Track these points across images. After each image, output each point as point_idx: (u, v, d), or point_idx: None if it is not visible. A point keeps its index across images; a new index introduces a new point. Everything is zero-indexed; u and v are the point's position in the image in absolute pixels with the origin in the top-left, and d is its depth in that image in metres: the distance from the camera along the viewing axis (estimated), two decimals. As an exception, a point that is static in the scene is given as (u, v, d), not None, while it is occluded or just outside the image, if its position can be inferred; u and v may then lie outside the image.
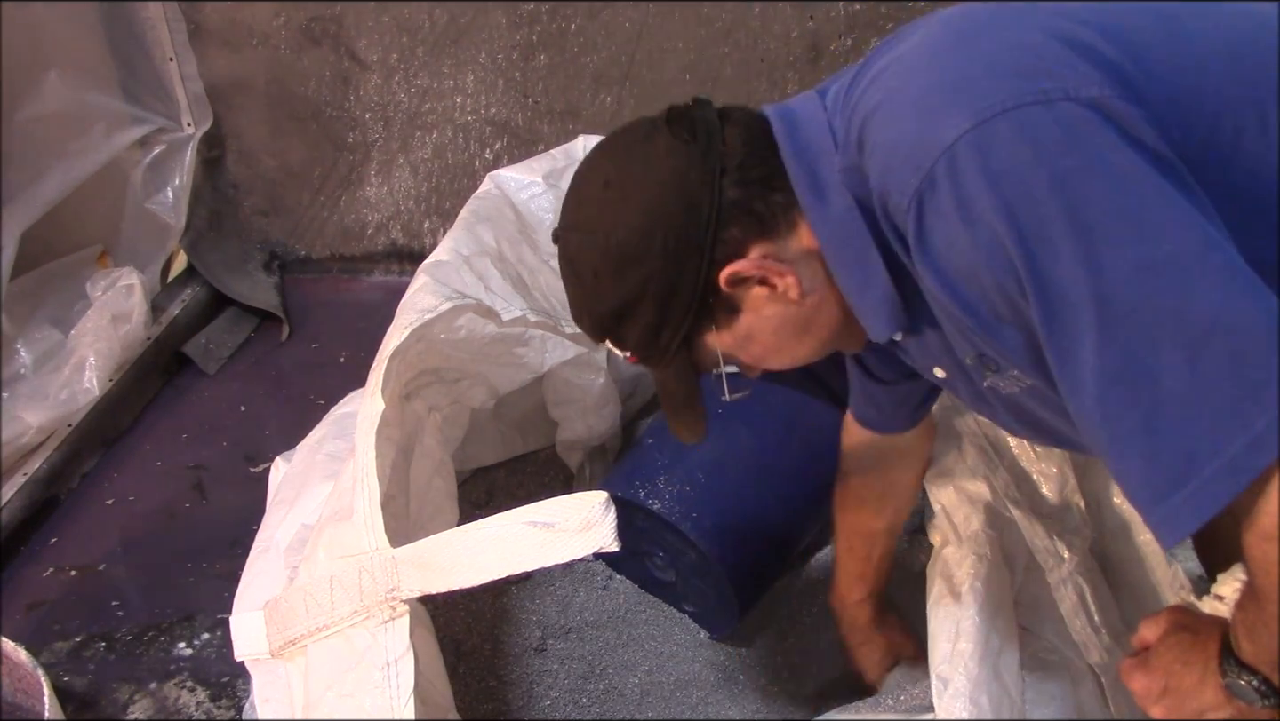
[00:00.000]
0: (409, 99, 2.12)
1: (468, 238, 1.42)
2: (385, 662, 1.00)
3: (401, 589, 1.02)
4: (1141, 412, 0.66)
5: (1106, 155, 0.67)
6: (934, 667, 1.10)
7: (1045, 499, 1.26)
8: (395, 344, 1.20)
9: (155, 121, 2.09)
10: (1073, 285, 0.66)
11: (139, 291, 1.96)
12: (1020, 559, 1.22)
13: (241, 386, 2.04)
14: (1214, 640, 0.82)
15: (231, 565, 1.41)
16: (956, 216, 0.70)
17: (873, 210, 0.79)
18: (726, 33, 1.93)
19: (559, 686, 1.40)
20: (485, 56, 2.05)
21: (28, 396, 1.79)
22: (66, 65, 1.91)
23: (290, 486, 1.38)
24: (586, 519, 0.93)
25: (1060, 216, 0.66)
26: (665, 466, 1.43)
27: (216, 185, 2.26)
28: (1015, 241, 0.68)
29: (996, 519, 1.21)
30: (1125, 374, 0.66)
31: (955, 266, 0.73)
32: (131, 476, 1.83)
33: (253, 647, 1.14)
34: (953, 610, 1.15)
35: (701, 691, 1.39)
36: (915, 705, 1.22)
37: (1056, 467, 1.28)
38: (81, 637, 1.52)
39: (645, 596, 1.51)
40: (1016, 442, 1.27)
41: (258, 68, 2.12)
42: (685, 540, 1.36)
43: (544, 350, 1.44)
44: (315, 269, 2.32)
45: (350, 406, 1.49)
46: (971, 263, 0.71)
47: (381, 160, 2.20)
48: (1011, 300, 0.71)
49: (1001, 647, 1.12)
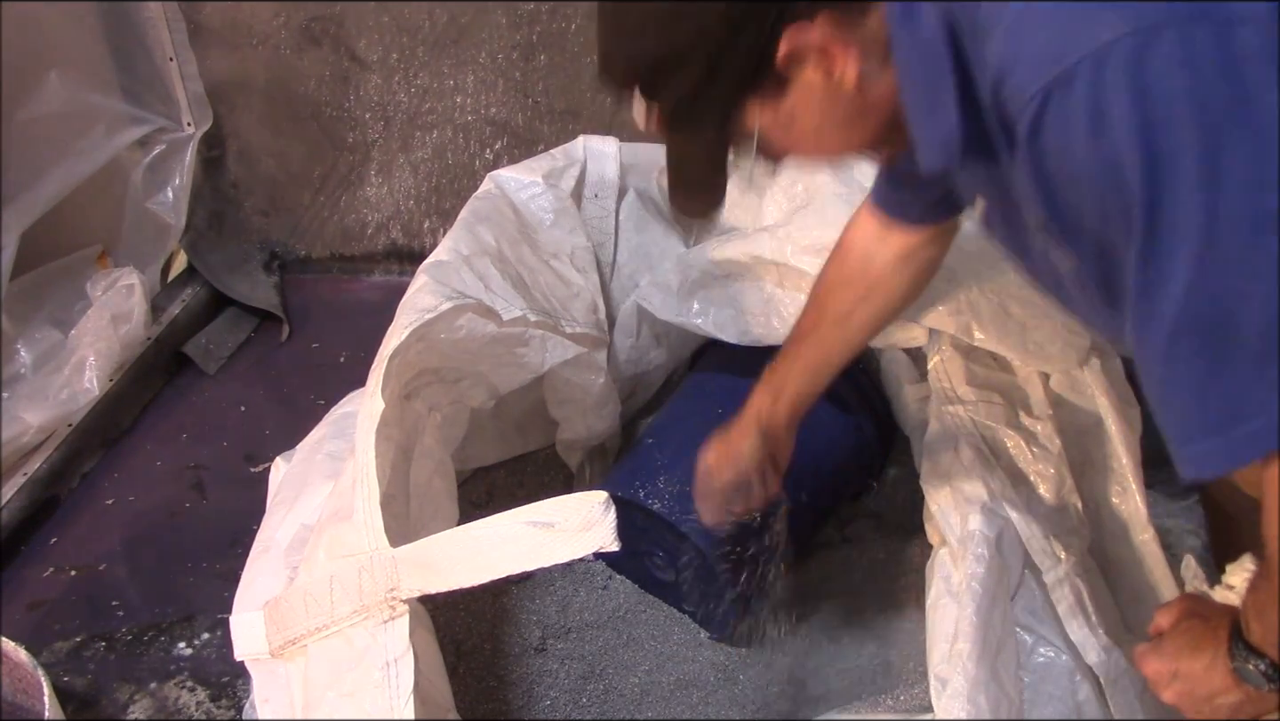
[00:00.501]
0: (409, 99, 2.12)
1: (468, 238, 1.42)
2: (385, 662, 1.00)
3: (401, 588, 1.02)
4: (1210, 357, 0.66)
5: (1263, 94, 0.63)
6: (932, 668, 1.11)
7: (1042, 499, 1.26)
8: (395, 344, 1.20)
9: (155, 121, 2.09)
10: (1186, 219, 0.64)
11: (139, 291, 1.96)
12: (1017, 559, 1.23)
13: (241, 386, 2.04)
14: (1224, 626, 0.82)
15: (231, 565, 1.41)
16: (1085, 124, 0.66)
17: (962, 49, 0.74)
18: (726, 33, 1.94)
19: (559, 686, 1.40)
20: (485, 56, 2.05)
21: (28, 396, 1.79)
22: (66, 65, 1.91)
23: (290, 486, 1.38)
24: (586, 519, 0.94)
25: (1197, 146, 0.63)
26: (665, 466, 1.43)
27: (216, 185, 2.26)
28: (1141, 161, 0.64)
29: (993, 519, 1.21)
30: (1207, 317, 0.66)
31: (1061, 170, 0.70)
32: (131, 476, 1.83)
33: (253, 647, 1.14)
34: (950, 610, 1.15)
35: (701, 691, 1.39)
36: (914, 705, 1.22)
37: (1054, 468, 1.28)
38: (81, 637, 1.52)
39: (645, 596, 1.51)
40: (1014, 443, 1.27)
41: (258, 68, 2.12)
42: (685, 540, 1.37)
43: (544, 350, 1.44)
44: (315, 269, 2.32)
45: (350, 406, 1.49)
46: (1082, 173, 0.68)
47: (381, 160, 2.20)
48: (1107, 216, 0.69)
49: (999, 648, 1.12)
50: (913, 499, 1.61)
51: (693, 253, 1.56)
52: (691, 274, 1.53)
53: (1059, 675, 1.18)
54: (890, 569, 1.54)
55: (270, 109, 2.17)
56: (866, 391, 1.57)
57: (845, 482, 1.59)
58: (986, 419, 1.31)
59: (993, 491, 1.23)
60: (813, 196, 1.45)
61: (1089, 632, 1.16)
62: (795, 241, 1.38)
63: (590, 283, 1.55)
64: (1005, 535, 1.21)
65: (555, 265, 1.52)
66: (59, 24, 1.92)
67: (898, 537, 1.58)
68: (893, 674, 1.38)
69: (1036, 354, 1.27)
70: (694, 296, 1.53)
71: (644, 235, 1.68)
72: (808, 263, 1.36)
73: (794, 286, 1.43)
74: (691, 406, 1.60)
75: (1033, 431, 1.29)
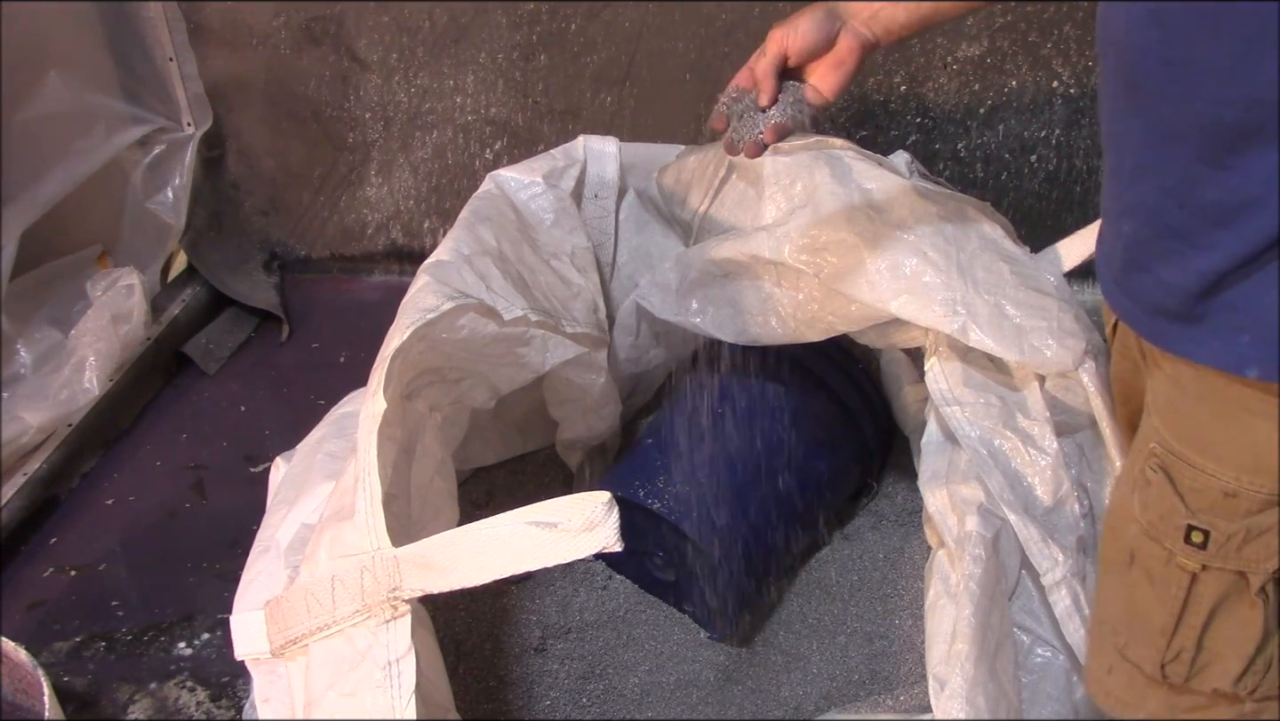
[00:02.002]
0: (409, 99, 2.12)
1: (468, 237, 1.42)
2: (387, 662, 1.00)
3: (403, 588, 1.02)
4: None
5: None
6: (931, 668, 1.11)
7: (1040, 501, 1.26)
8: (397, 344, 1.20)
9: (155, 121, 2.09)
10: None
11: (139, 291, 1.96)
12: (1015, 561, 1.23)
13: (241, 386, 2.04)
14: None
15: (231, 565, 1.41)
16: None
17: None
18: (726, 33, 1.94)
19: (559, 686, 1.40)
20: (485, 56, 2.06)
21: (28, 396, 1.79)
22: (66, 65, 1.91)
23: (290, 486, 1.38)
24: (589, 519, 0.94)
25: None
26: (665, 466, 1.43)
27: (216, 185, 2.26)
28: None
29: (991, 520, 1.21)
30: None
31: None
32: (131, 476, 1.83)
33: (253, 647, 1.14)
34: (949, 611, 1.15)
35: (701, 691, 1.40)
36: (913, 705, 1.22)
37: (1051, 470, 1.29)
38: (81, 637, 1.52)
39: (645, 596, 1.52)
40: (1011, 445, 1.27)
41: (258, 68, 2.13)
42: (685, 540, 1.37)
43: (545, 350, 1.44)
44: (315, 269, 2.32)
45: (351, 406, 1.49)
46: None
47: (381, 160, 2.20)
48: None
49: (998, 649, 1.12)
50: (912, 499, 1.61)
51: (691, 252, 1.56)
52: (690, 273, 1.53)
53: (1057, 675, 1.19)
54: (890, 569, 1.54)
55: (270, 109, 2.17)
56: (866, 392, 1.57)
57: (845, 482, 1.60)
58: (984, 420, 1.31)
59: (990, 493, 1.24)
60: (811, 196, 1.45)
61: (1087, 634, 1.16)
62: (793, 241, 1.38)
63: (590, 283, 1.55)
64: (1003, 536, 1.21)
65: (555, 265, 1.52)
66: (59, 24, 1.92)
67: (897, 538, 1.59)
68: (892, 674, 1.39)
69: (1033, 356, 1.27)
70: (692, 295, 1.53)
71: (644, 235, 1.69)
72: (806, 262, 1.36)
73: (792, 286, 1.43)
74: (692, 406, 1.60)
75: (1030, 433, 1.29)
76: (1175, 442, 0.86)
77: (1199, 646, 0.89)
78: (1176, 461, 0.85)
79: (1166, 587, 0.88)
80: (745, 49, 1.97)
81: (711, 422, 1.53)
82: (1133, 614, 0.93)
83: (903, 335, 1.45)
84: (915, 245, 1.32)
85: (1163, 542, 0.87)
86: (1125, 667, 0.94)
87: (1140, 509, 0.89)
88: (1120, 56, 0.79)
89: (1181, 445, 0.85)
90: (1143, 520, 0.89)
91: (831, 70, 1.12)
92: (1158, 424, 0.88)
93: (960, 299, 1.30)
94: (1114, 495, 0.97)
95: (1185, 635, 0.89)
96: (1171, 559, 0.87)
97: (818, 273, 1.35)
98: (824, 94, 1.13)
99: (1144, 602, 0.90)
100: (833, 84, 1.13)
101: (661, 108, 2.03)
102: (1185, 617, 0.88)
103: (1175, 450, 0.85)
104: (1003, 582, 1.20)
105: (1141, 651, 0.92)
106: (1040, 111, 1.91)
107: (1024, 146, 1.95)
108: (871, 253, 1.33)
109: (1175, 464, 0.85)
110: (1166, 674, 0.91)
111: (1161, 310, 0.82)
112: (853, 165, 1.43)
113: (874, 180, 1.41)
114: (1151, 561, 0.89)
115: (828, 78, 1.12)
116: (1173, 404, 0.86)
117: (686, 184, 1.63)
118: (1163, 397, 0.88)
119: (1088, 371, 1.29)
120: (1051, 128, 1.92)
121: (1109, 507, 0.98)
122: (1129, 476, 0.92)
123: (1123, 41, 0.78)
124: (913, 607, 1.48)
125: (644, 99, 2.02)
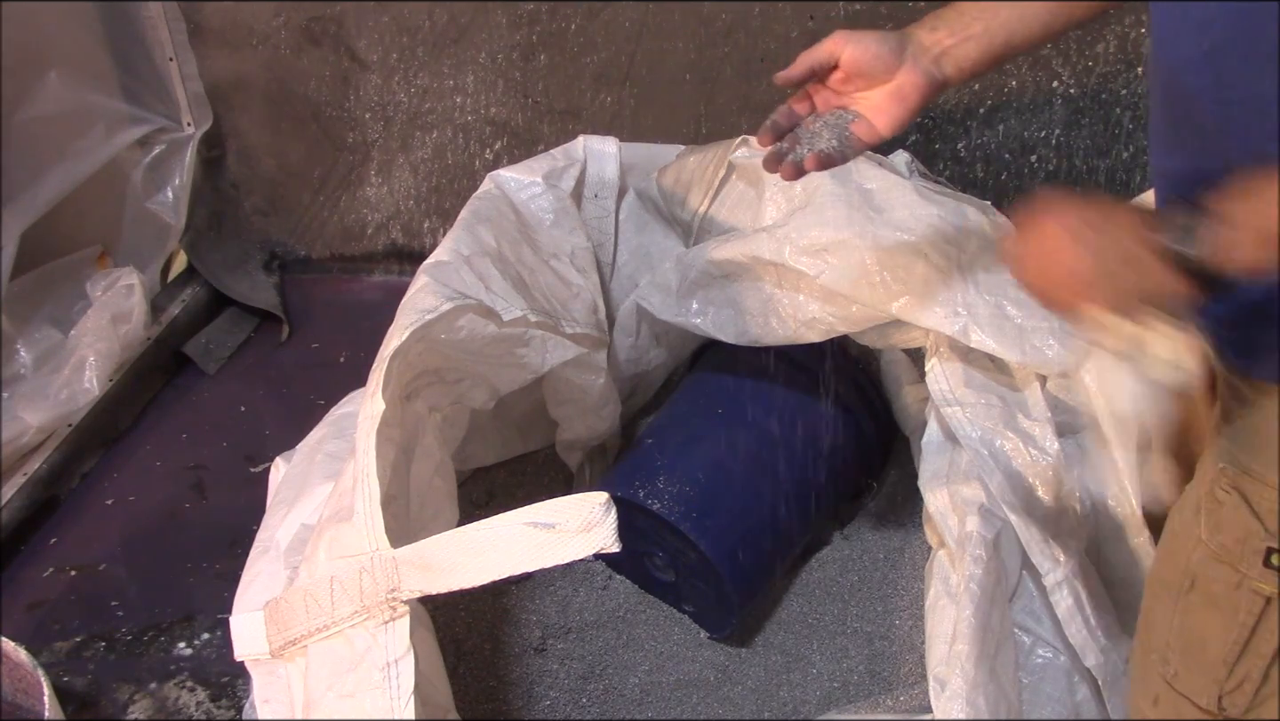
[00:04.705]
0: (409, 99, 2.12)
1: (468, 238, 1.42)
2: (386, 663, 1.00)
3: (402, 589, 1.02)
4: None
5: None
6: (931, 669, 1.11)
7: (1040, 501, 1.26)
8: (396, 344, 1.20)
9: (155, 121, 2.09)
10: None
11: (139, 291, 1.96)
12: (1016, 561, 1.23)
13: (241, 386, 2.04)
14: (1119, 207, 0.78)
15: (231, 565, 1.41)
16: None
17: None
18: (726, 33, 1.94)
19: (559, 686, 1.40)
20: (485, 56, 2.05)
21: (28, 396, 1.79)
22: (66, 65, 1.91)
23: (290, 486, 1.38)
24: (588, 519, 0.94)
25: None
26: (665, 466, 1.43)
27: (216, 185, 2.26)
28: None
29: (991, 521, 1.21)
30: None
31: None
32: (131, 476, 1.83)
33: (253, 647, 1.14)
34: (949, 611, 1.15)
35: (701, 691, 1.40)
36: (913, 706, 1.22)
37: (1052, 470, 1.28)
38: (81, 637, 1.52)
39: (645, 596, 1.52)
40: (1012, 445, 1.27)
41: (258, 68, 2.13)
42: (685, 540, 1.37)
43: (544, 350, 1.44)
44: (315, 269, 2.32)
45: (350, 406, 1.49)
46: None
47: (381, 160, 2.20)
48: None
49: (998, 649, 1.12)
50: (912, 499, 1.61)
51: (692, 253, 1.56)
52: (690, 274, 1.53)
53: (1057, 676, 1.19)
54: (890, 569, 1.54)
55: (270, 109, 2.17)
56: (866, 392, 1.57)
57: (845, 482, 1.60)
58: (985, 420, 1.31)
59: (991, 493, 1.23)
60: (811, 197, 1.45)
61: (1087, 634, 1.16)
62: (794, 242, 1.38)
63: (590, 283, 1.55)
64: (1003, 536, 1.21)
65: (555, 265, 1.52)
66: (59, 24, 1.92)
67: (898, 538, 1.58)
68: (892, 674, 1.39)
69: (1035, 356, 1.27)
70: (693, 296, 1.53)
71: (644, 235, 1.69)
72: (806, 263, 1.36)
73: (792, 287, 1.43)
74: (691, 406, 1.60)
75: (1030, 433, 1.29)
76: (1252, 462, 0.82)
77: (1265, 676, 0.84)
78: (1252, 482, 0.82)
79: (1234, 613, 0.84)
80: (745, 49, 1.99)
81: (711, 423, 1.53)
82: (1187, 641, 0.88)
83: (903, 335, 1.45)
84: (916, 246, 1.32)
85: (1236, 566, 0.83)
86: (1173, 698, 0.90)
87: (1209, 531, 0.85)
88: (1172, 98, 0.78)
89: (1261, 466, 0.82)
90: (1211, 543, 0.85)
91: (891, 102, 1.02)
92: (1227, 444, 0.85)
93: (961, 300, 1.30)
94: (1173, 517, 0.91)
95: (1251, 663, 0.84)
96: (1244, 582, 0.83)
97: (818, 274, 1.35)
98: (878, 129, 1.03)
99: (1202, 629, 0.86)
100: (890, 119, 1.03)
101: (661, 108, 2.03)
102: (1253, 645, 0.84)
103: (1251, 470, 0.82)
104: (1003, 583, 1.20)
105: (1195, 681, 0.88)
106: (1040, 111, 1.91)
107: (1024, 146, 1.95)
108: (872, 254, 1.33)
109: (1250, 484, 0.82)
110: (1224, 705, 0.86)
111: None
112: (853, 165, 1.43)
113: (874, 181, 1.41)
114: (1216, 586, 0.85)
115: (886, 110, 1.03)
116: (1251, 424, 0.83)
117: (686, 184, 1.63)
118: (1236, 417, 0.85)
119: (1089, 371, 1.29)
120: (1051, 128, 1.92)
121: (1166, 530, 0.93)
122: (1192, 499, 0.88)
123: (1174, 83, 0.77)
124: (913, 607, 1.47)
125: (644, 99, 2.02)
